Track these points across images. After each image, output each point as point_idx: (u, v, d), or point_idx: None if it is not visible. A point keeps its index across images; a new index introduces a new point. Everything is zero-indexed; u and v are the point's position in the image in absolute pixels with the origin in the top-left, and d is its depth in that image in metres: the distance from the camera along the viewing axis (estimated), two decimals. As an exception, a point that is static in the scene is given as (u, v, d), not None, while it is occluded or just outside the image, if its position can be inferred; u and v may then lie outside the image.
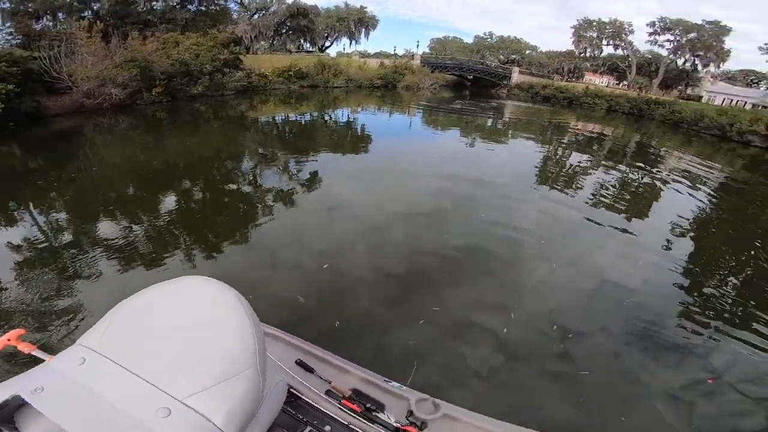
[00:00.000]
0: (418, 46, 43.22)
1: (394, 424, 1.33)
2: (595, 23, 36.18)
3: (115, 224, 5.08)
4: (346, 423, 1.36)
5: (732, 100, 31.36)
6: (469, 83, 38.65)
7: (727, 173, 13.47)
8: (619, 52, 37.69)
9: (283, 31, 34.26)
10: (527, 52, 47.21)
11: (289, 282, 4.02)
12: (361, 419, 1.35)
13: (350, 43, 39.33)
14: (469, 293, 4.09)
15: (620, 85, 38.68)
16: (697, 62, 33.05)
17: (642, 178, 11.00)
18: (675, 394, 3.02)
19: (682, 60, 33.63)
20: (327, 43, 39.56)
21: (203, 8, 22.72)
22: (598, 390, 2.99)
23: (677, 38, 32.21)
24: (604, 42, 36.59)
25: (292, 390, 1.43)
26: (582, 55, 39.42)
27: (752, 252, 6.63)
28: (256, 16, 31.00)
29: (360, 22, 37.72)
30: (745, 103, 29.92)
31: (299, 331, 3.05)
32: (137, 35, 14.67)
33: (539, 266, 4.84)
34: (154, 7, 20.20)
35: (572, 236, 6.06)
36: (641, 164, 13.20)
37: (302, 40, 37.21)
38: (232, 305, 0.83)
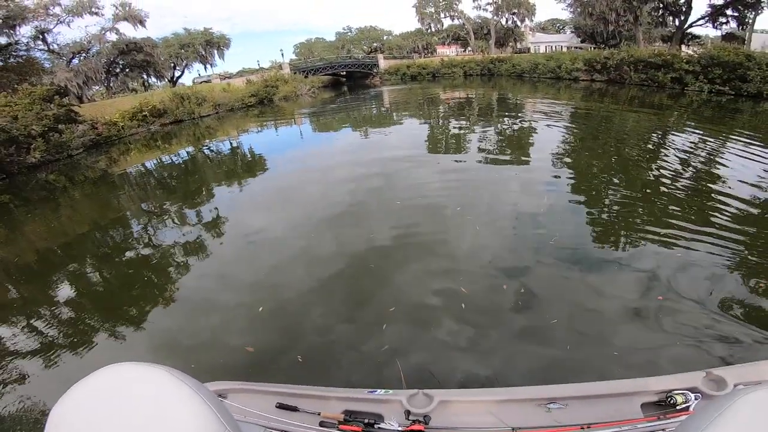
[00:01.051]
0: (282, 55, 41.93)
1: (399, 429, 1.30)
2: (430, -1, 39.78)
3: (18, 334, 4.05)
4: None
5: (552, 47, 37.89)
6: (345, 79, 39.70)
7: (573, 105, 16.26)
8: (456, 21, 42.21)
9: (118, 70, 30.07)
10: (385, 37, 50.05)
11: (230, 335, 3.60)
12: None
13: (205, 68, 36.37)
14: (416, 282, 4.11)
15: (466, 51, 43.39)
16: (515, 19, 38.74)
17: (513, 125, 12.63)
18: (639, 315, 3.26)
19: (504, 19, 39.10)
20: (177, 73, 35.97)
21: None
22: (574, 333, 3.12)
23: (495, 0, 37.30)
24: (442, 15, 40.67)
25: None
26: (429, 31, 43.23)
27: (618, 157, 8.19)
28: (75, 61, 26.53)
29: (209, 44, 35.06)
30: (561, 47, 36.33)
31: (262, 380, 2.82)
32: None
33: (465, 232, 5.13)
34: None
35: (481, 193, 6.59)
36: (508, 114, 15.18)
37: (146, 76, 33.10)
38: (166, 381, 0.76)
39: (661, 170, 7.07)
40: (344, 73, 38.50)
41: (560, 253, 4.35)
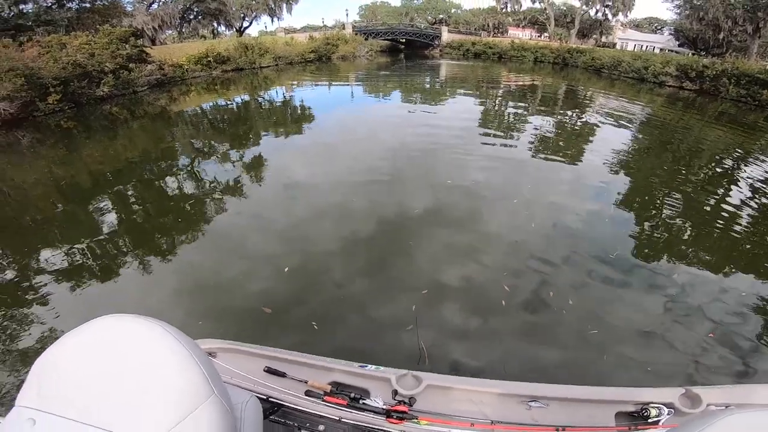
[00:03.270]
0: (347, 15, 41.55)
1: (383, 407, 1.29)
2: (512, -23, 36.89)
3: (54, 250, 4.29)
4: (337, 418, 1.30)
5: (642, 46, 34.25)
6: (403, 47, 38.92)
7: (650, 110, 14.66)
8: (537, 5, 38.85)
9: (191, 17, 31.03)
10: (453, 10, 47.72)
11: (252, 289, 3.57)
12: (349, 410, 1.30)
13: (272, 20, 36.71)
14: (454, 269, 3.89)
15: (542, 37, 40.23)
16: (607, 12, 34.96)
17: (577, 119, 11.69)
18: (680, 341, 3.05)
19: (594, 10, 35.50)
20: (246, 24, 36.55)
21: (87, 5, 19.97)
22: (612, 347, 2.96)
23: (587, -10, 33.82)
24: (524, -4, 37.58)
25: (272, 399, 1.35)
26: (503, 10, 40.34)
27: (685, 173, 7.36)
28: (155, 6, 27.65)
29: (279, -3, 35.10)
30: (654, 47, 32.71)
31: (272, 344, 2.80)
32: (11, 42, 12.44)
33: (517, 226, 4.79)
34: (24, 11, 17.25)
35: (539, 188, 6.09)
36: (574, 107, 14.07)
37: (216, 24, 33.97)
38: (160, 338, 0.75)
39: (727, 197, 6.23)
40: (404, 40, 37.58)
41: (616, 274, 3.94)
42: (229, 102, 14.24)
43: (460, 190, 5.73)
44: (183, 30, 31.81)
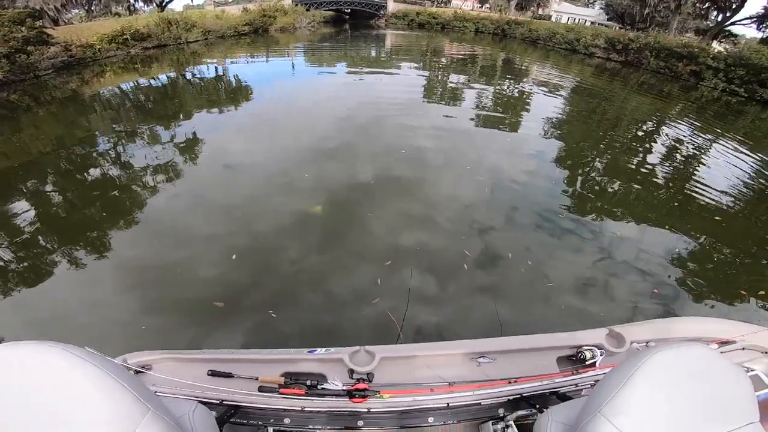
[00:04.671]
0: (286, -15, 38.50)
1: (343, 388, 1.25)
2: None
3: None
4: (299, 408, 1.25)
5: (576, 19, 35.99)
6: (348, 17, 37.46)
7: (580, 78, 15.61)
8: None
9: (100, -7, 27.16)
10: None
11: (198, 285, 3.28)
12: (309, 399, 1.25)
13: (200, -6, 33.18)
14: (415, 237, 3.90)
15: (483, 8, 40.62)
16: (545, -16, 36.02)
17: (513, 88, 12.22)
18: (624, 288, 3.46)
19: (533, -18, 36.36)
20: (169, -2, 32.69)
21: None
22: (570, 296, 3.25)
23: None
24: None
25: (227, 402, 1.27)
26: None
27: (609, 136, 8.00)
28: (54, -17, 23.66)
29: (206, -32, 31.66)
30: (586, 21, 34.51)
31: (227, 342, 2.54)
32: None
33: (472, 192, 4.96)
34: None
35: (488, 154, 6.32)
36: (510, 76, 14.66)
37: (133, 0, 30.11)
38: (69, 363, 0.66)
39: (645, 157, 7.01)
40: (348, 10, 36.13)
41: (563, 233, 4.27)
42: (153, 80, 12.88)
43: (411, 159, 5.77)
44: (92, 8, 27.85)
